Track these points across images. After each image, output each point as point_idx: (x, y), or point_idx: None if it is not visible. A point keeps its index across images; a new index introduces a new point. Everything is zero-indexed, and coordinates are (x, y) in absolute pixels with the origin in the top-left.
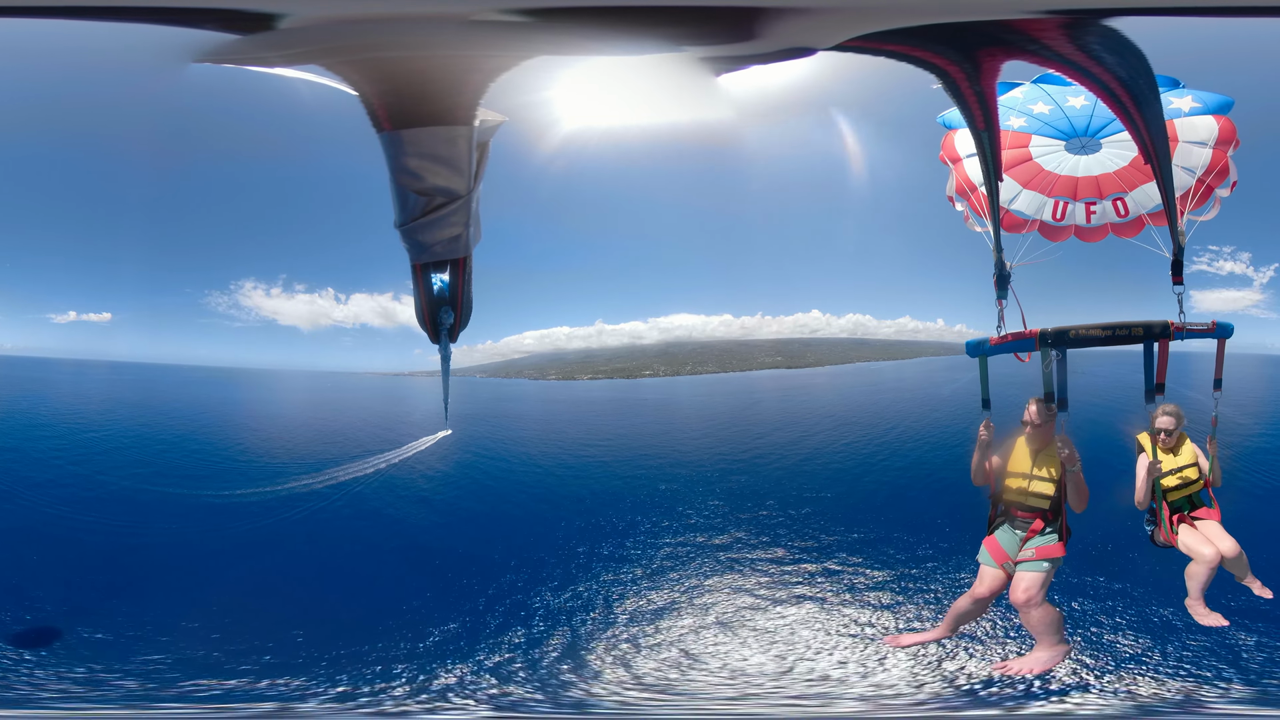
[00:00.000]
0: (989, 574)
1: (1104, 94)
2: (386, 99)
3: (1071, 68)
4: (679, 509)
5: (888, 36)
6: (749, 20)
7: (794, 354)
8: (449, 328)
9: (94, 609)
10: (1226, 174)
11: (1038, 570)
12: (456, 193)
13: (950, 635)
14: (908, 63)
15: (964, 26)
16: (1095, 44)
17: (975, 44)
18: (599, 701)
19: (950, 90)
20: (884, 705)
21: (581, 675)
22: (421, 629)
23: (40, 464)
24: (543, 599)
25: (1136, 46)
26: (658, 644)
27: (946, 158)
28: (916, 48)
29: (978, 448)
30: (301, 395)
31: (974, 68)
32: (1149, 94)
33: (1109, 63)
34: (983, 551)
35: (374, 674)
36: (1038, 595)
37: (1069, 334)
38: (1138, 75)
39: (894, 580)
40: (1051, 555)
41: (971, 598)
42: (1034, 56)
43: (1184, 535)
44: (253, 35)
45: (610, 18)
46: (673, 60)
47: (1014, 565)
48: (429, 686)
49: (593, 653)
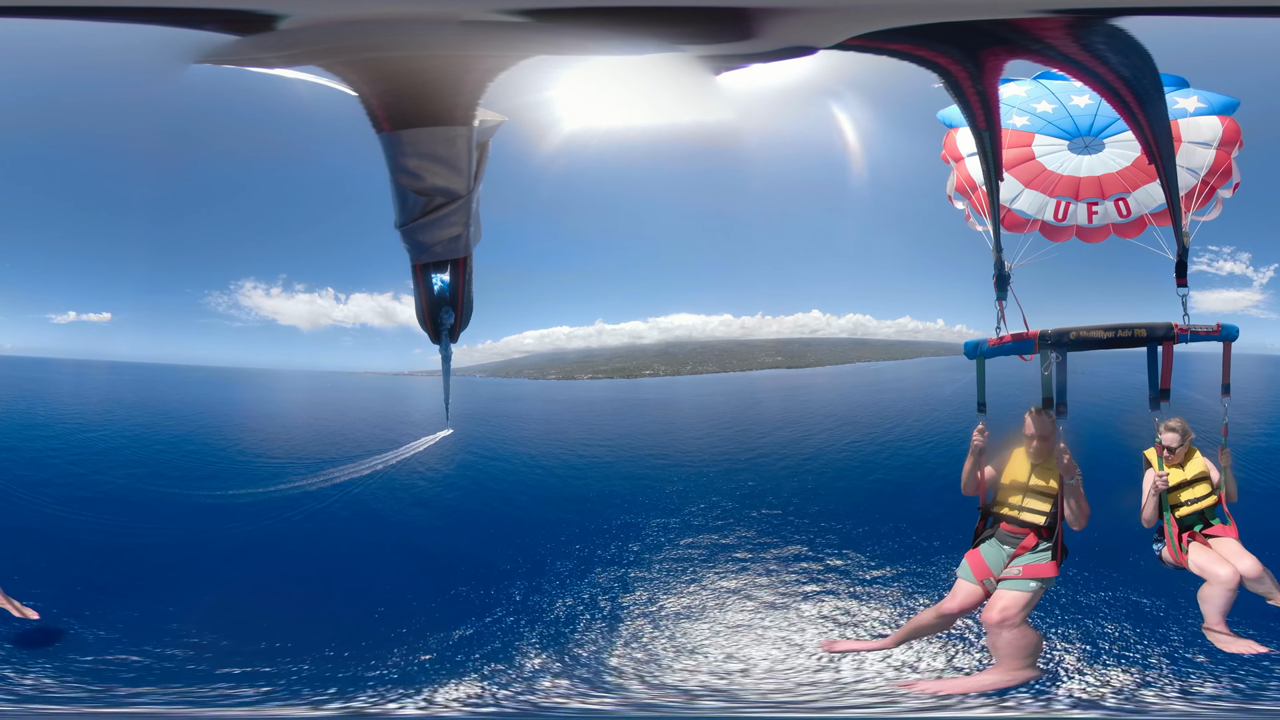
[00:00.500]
0: (964, 589)
1: (1108, 93)
2: (385, 99)
3: (1075, 67)
4: (686, 509)
5: (889, 35)
6: (749, 20)
7: (794, 354)
8: (449, 328)
9: (92, 608)
10: (1230, 175)
11: (1021, 590)
12: (456, 193)
13: (895, 647)
14: (910, 61)
15: (967, 25)
16: (1100, 43)
17: (978, 43)
18: (611, 701)
19: (952, 89)
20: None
21: (596, 674)
22: (423, 629)
23: (36, 463)
24: (548, 599)
25: (1142, 46)
26: (672, 643)
27: (948, 156)
28: (918, 46)
29: (970, 454)
30: (301, 395)
31: (976, 67)
32: (1153, 94)
33: (1113, 62)
34: (963, 565)
35: (375, 674)
36: (1015, 617)
37: (1069, 336)
38: (1142, 75)
39: (899, 578)
40: (1041, 575)
41: (937, 612)
42: (1038, 56)
43: (1194, 555)
44: (252, 36)
45: (609, 18)
46: (672, 60)
47: (995, 582)
48: (433, 687)
49: (607, 652)
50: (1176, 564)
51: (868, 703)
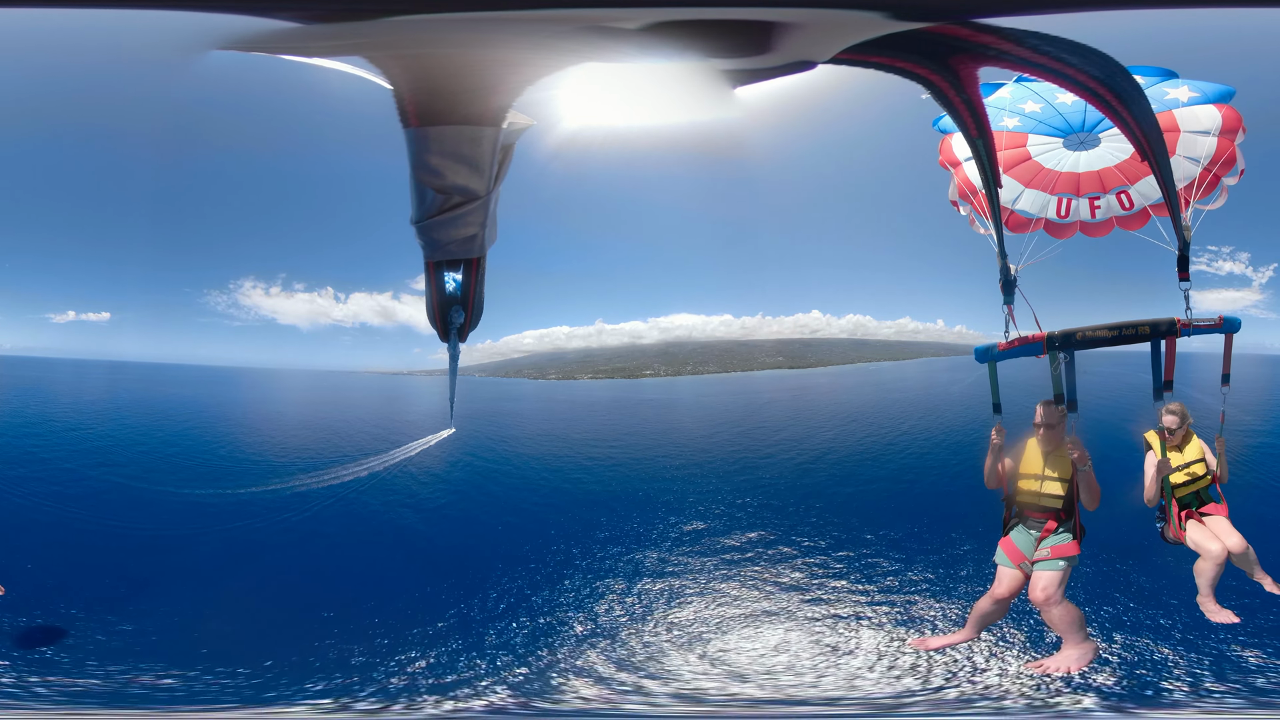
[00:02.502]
0: (1006, 574)
1: (1085, 93)
2: (420, 95)
3: (1041, 70)
4: (700, 508)
5: (870, 49)
6: (756, 34)
7: (796, 355)
8: (459, 327)
9: (90, 608)
10: (1234, 163)
11: (1054, 569)
12: (475, 193)
13: (975, 636)
14: (895, 74)
15: (931, 36)
16: (1044, 45)
17: (945, 52)
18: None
19: (939, 99)
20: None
21: (608, 673)
22: (424, 629)
23: (33, 463)
24: (555, 600)
25: (1082, 43)
26: (688, 643)
27: (946, 162)
28: (897, 59)
29: (990, 451)
30: (301, 394)
31: (953, 75)
32: (1131, 90)
33: (1074, 62)
34: (999, 553)
35: (378, 675)
36: (1056, 593)
37: (1076, 336)
38: (1112, 73)
39: (936, 578)
40: (1067, 554)
41: (991, 599)
42: (1000, 62)
43: (1192, 531)
44: (299, 24)
45: (640, 28)
46: (678, 66)
47: (1030, 565)
48: (439, 687)
49: (620, 650)
50: (1176, 539)
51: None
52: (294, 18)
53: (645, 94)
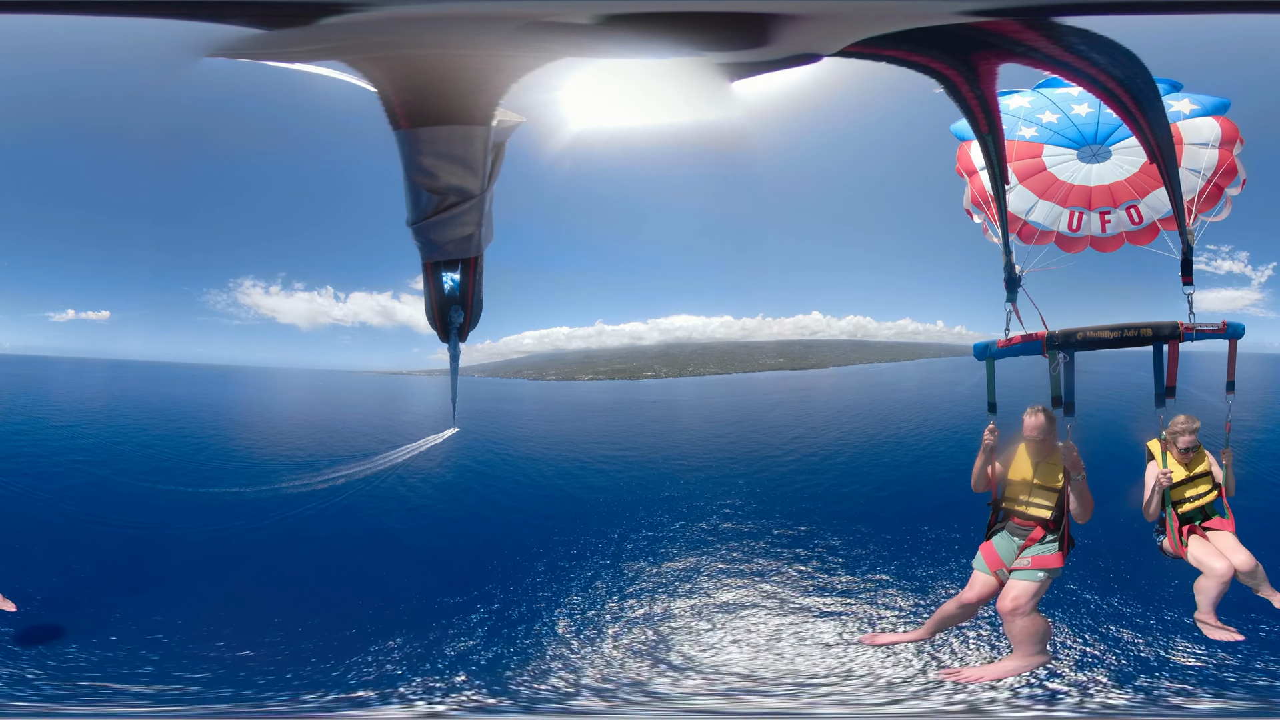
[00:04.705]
0: (980, 580)
1: (1104, 95)
2: (405, 96)
3: (1065, 69)
4: (713, 507)
5: (885, 42)
6: (757, 26)
7: (797, 356)
8: (459, 326)
9: (89, 608)
10: (1235, 173)
11: (1030, 580)
12: (470, 192)
13: (929, 638)
14: (909, 68)
15: (954, 31)
16: (1079, 44)
17: (968, 48)
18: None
19: (951, 94)
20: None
21: (615, 671)
22: (426, 630)
23: (31, 462)
24: (562, 601)
25: (1118, 44)
26: (699, 640)
27: (962, 170)
28: (913, 52)
29: (981, 451)
30: (301, 394)
31: (971, 71)
32: (1149, 94)
33: (1100, 62)
34: (978, 557)
35: (378, 675)
36: (1026, 605)
37: (1076, 336)
38: (1134, 75)
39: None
40: (1048, 566)
41: (959, 602)
42: (1025, 59)
43: (1194, 548)
44: (280, 30)
45: (630, 22)
46: (679, 63)
47: (1008, 573)
48: (441, 686)
49: (626, 645)
50: (1176, 555)
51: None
52: (269, 24)
53: (646, 92)
